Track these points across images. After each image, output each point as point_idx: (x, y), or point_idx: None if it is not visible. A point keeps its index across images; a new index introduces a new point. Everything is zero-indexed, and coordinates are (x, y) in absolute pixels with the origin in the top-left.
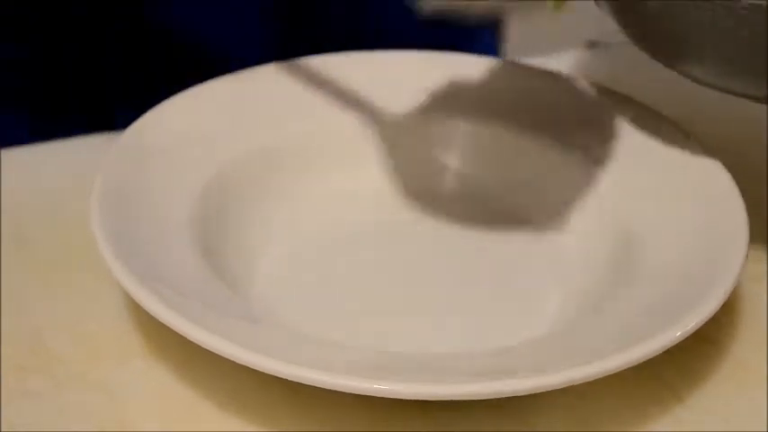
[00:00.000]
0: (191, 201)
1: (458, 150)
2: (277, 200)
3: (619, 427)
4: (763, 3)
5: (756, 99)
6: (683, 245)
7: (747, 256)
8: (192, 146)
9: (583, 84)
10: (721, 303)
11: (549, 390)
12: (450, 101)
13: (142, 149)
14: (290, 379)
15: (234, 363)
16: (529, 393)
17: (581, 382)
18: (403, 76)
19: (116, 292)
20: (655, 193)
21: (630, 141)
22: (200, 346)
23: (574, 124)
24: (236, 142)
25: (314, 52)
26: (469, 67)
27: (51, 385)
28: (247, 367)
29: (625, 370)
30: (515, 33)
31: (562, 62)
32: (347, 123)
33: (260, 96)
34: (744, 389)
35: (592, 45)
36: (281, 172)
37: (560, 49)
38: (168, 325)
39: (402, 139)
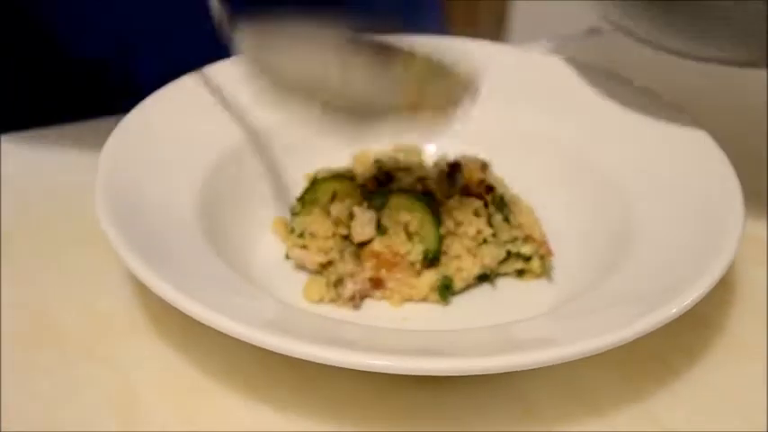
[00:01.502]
0: (195, 180)
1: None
2: (278, 180)
3: (615, 402)
4: None
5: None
6: (679, 225)
7: (744, 237)
8: (198, 126)
9: (583, 67)
10: (715, 282)
11: (545, 366)
12: None
13: (145, 131)
14: (288, 355)
15: (234, 338)
16: (525, 369)
17: (577, 358)
18: None
19: (122, 270)
20: (652, 173)
21: (630, 123)
22: (202, 323)
23: (573, 106)
24: (241, 123)
25: None
26: (468, 51)
27: (59, 360)
28: (248, 342)
29: (623, 348)
30: (519, 20)
31: (564, 48)
32: None
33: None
34: (740, 366)
35: (593, 32)
36: (283, 153)
37: (562, 35)
38: (171, 303)
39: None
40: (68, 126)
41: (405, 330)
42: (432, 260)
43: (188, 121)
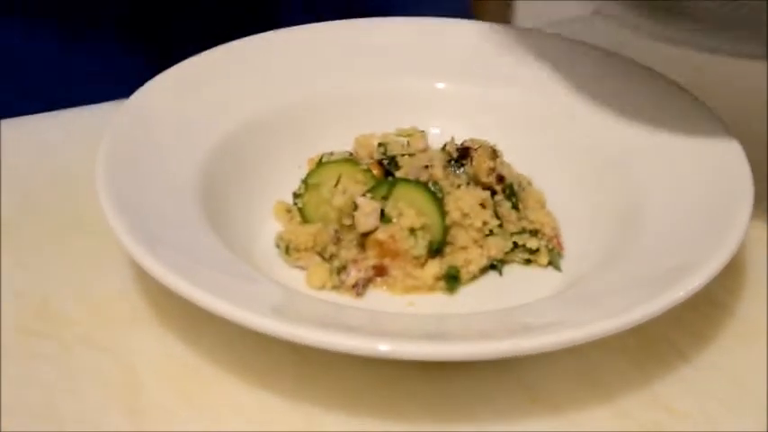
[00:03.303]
0: (196, 166)
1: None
2: (280, 165)
3: (623, 386)
4: None
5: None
6: (687, 207)
7: (753, 220)
8: (199, 111)
9: (587, 48)
10: (723, 266)
11: (553, 350)
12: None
13: (147, 115)
14: (293, 341)
15: (236, 324)
16: (532, 353)
17: (585, 342)
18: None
19: (123, 256)
20: (660, 155)
21: (635, 104)
22: (204, 309)
23: (579, 87)
24: (242, 107)
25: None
26: (472, 32)
27: (60, 348)
28: (250, 328)
29: (631, 332)
30: (523, 7)
31: (569, 29)
32: (346, 89)
33: (265, 62)
34: (750, 349)
35: (597, 15)
36: (285, 137)
37: (566, 18)
38: (172, 289)
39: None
40: (69, 111)
41: (409, 315)
42: (436, 251)
43: (189, 106)
